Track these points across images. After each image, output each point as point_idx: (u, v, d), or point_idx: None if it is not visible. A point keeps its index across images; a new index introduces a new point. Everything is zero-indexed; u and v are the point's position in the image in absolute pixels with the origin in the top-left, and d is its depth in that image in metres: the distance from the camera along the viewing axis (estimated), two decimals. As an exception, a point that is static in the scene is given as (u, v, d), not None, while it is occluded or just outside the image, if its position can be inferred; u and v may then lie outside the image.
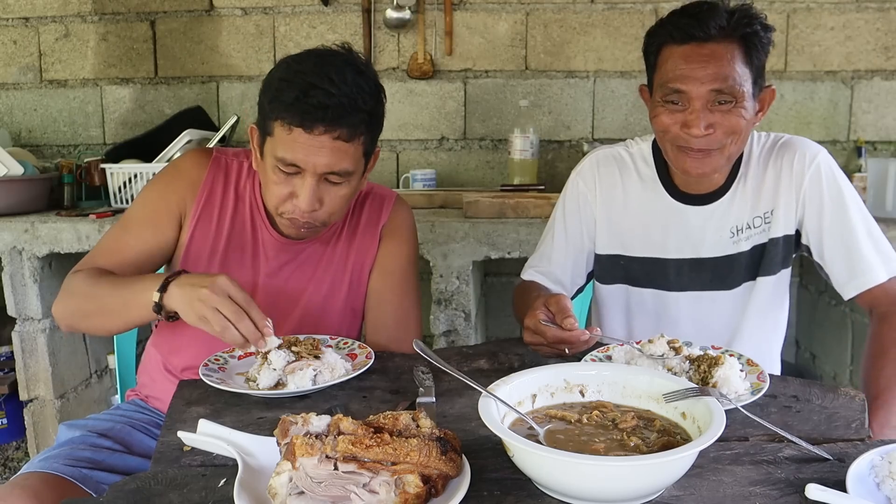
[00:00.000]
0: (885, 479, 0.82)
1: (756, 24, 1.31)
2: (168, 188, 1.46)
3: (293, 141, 1.27)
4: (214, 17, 2.96)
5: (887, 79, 2.83)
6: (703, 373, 1.12)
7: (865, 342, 1.37)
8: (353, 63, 1.31)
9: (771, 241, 1.45)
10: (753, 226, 1.46)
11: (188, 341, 1.44)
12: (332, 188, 1.33)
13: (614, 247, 1.55)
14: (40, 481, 1.21)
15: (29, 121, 3.06)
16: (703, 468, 0.88)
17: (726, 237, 1.47)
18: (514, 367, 1.23)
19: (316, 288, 1.48)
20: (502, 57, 2.91)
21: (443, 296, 2.28)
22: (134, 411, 1.49)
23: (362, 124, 1.30)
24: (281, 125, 1.28)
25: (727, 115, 1.31)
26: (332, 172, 1.30)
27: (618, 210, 1.53)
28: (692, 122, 1.31)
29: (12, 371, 2.59)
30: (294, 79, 1.27)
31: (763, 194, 1.45)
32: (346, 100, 1.26)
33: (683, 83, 1.31)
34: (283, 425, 0.84)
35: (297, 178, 1.31)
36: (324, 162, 1.28)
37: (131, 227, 1.44)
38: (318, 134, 1.26)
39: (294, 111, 1.26)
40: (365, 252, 1.51)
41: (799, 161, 1.42)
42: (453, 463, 0.80)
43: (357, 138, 1.30)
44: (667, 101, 1.34)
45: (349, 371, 1.20)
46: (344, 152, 1.29)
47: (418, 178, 2.80)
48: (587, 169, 1.57)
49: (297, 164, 1.29)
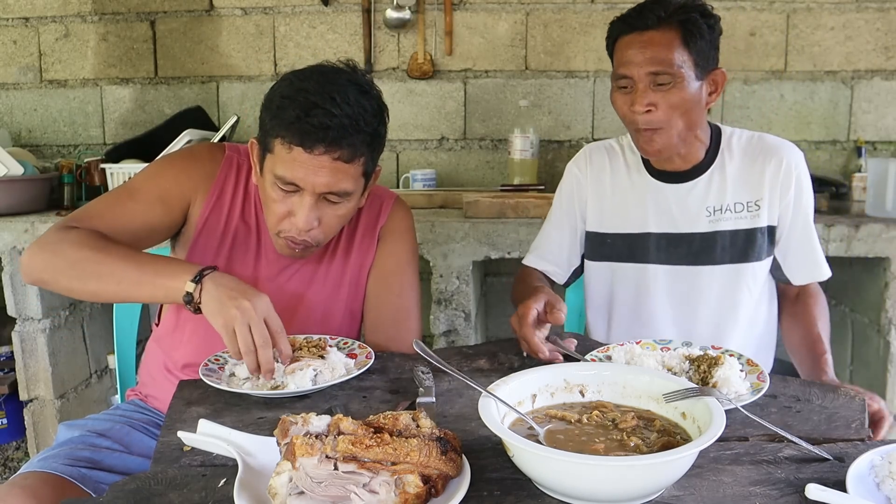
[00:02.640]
0: (885, 479, 0.82)
1: (694, 12, 1.45)
2: (183, 173, 1.44)
3: (293, 160, 1.26)
4: (214, 17, 2.96)
5: (887, 79, 2.83)
6: (703, 373, 1.12)
7: (788, 316, 1.63)
8: (357, 82, 1.30)
9: (759, 230, 1.57)
10: (734, 210, 1.57)
11: (189, 337, 1.45)
12: (331, 207, 1.33)
13: (602, 224, 1.67)
14: (40, 481, 1.21)
15: (29, 121, 3.06)
16: (703, 468, 0.88)
17: (703, 215, 1.58)
18: (514, 367, 1.24)
19: (317, 291, 1.48)
20: (502, 57, 2.91)
21: (443, 296, 2.28)
22: (133, 411, 1.49)
23: (363, 145, 1.29)
24: (281, 143, 1.27)
25: (667, 94, 1.45)
26: (331, 192, 1.30)
27: (605, 191, 1.67)
28: (635, 101, 1.47)
29: (12, 371, 2.59)
30: (296, 97, 1.26)
31: (748, 185, 1.58)
32: (347, 120, 1.25)
33: (627, 68, 1.47)
34: (283, 425, 0.84)
35: (295, 197, 1.30)
36: (323, 182, 1.28)
37: (141, 197, 1.40)
38: (319, 154, 1.25)
39: (295, 130, 1.25)
40: (364, 254, 1.51)
41: (787, 164, 1.57)
42: (453, 463, 0.80)
43: (358, 159, 1.30)
44: (620, 87, 1.51)
45: (349, 371, 1.20)
46: (344, 173, 1.29)
47: (418, 178, 2.80)
48: (581, 158, 1.72)
49: (297, 182, 1.28)
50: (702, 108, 1.52)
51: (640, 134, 1.51)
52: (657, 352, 1.21)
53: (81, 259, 1.25)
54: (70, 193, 2.62)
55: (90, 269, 1.25)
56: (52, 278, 1.29)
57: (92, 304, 2.61)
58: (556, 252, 1.71)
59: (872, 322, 2.35)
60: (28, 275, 1.31)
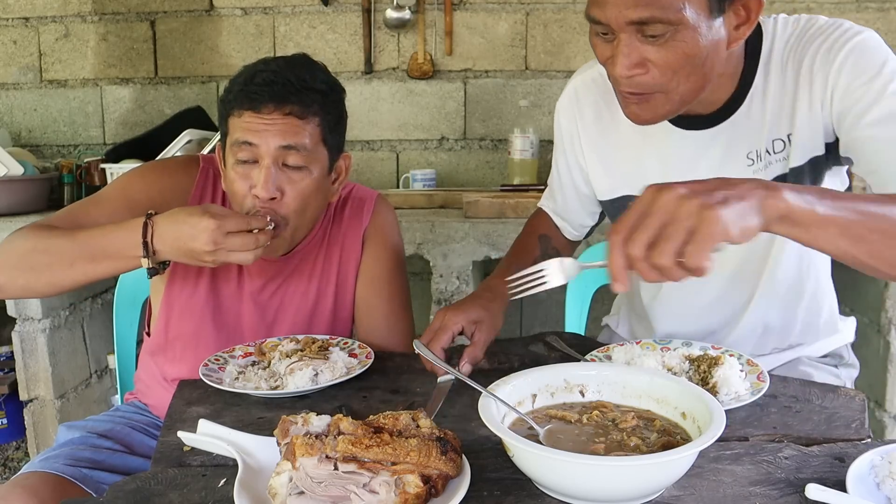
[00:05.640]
0: (885, 479, 0.82)
1: None
2: (154, 184, 1.39)
3: (246, 125, 1.26)
4: (214, 17, 2.96)
5: (887, 79, 2.83)
6: (702, 373, 1.12)
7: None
8: (306, 59, 1.33)
9: (792, 172, 1.18)
10: (774, 150, 1.17)
11: (181, 354, 1.42)
12: (292, 177, 1.28)
13: (618, 188, 1.33)
14: (40, 481, 1.21)
15: (29, 121, 3.06)
16: (703, 468, 0.88)
17: (742, 166, 1.19)
18: (514, 367, 1.23)
19: (302, 301, 1.45)
20: (502, 57, 2.91)
21: (443, 296, 2.28)
22: (133, 412, 1.49)
23: (315, 104, 1.27)
24: (233, 117, 1.28)
25: (663, 48, 1.01)
26: (288, 147, 1.25)
27: (609, 145, 1.32)
28: (615, 61, 1.04)
29: (12, 371, 2.59)
30: (241, 73, 1.30)
31: (783, 109, 1.16)
32: (293, 78, 1.26)
33: (601, 9, 1.02)
34: (283, 425, 0.84)
35: (255, 170, 1.27)
36: (276, 139, 1.25)
37: (105, 204, 1.35)
38: (269, 113, 1.25)
39: (242, 97, 1.26)
40: (348, 259, 1.47)
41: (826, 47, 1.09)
42: (453, 463, 0.80)
43: (311, 118, 1.27)
44: (597, 34, 1.07)
45: (350, 370, 1.20)
46: (298, 129, 1.26)
47: (418, 178, 2.80)
48: (567, 104, 1.37)
49: (251, 141, 1.25)
50: (721, 54, 1.06)
51: (625, 98, 1.10)
52: (657, 352, 1.21)
53: (28, 251, 1.23)
54: (70, 193, 2.63)
55: (39, 259, 1.22)
56: (8, 279, 1.25)
57: (92, 303, 2.61)
58: (564, 212, 1.47)
59: (872, 322, 2.35)
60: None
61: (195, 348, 1.40)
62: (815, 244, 0.89)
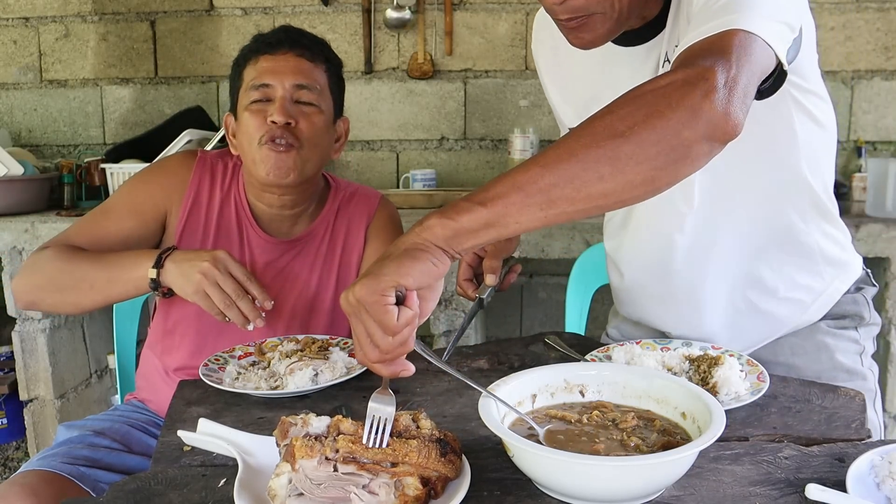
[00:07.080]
0: (885, 479, 0.82)
1: None
2: (156, 185, 1.45)
3: (262, 67, 1.38)
4: (214, 17, 2.96)
5: (887, 79, 2.83)
6: (702, 373, 1.12)
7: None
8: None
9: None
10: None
11: (180, 342, 1.44)
12: (304, 111, 1.38)
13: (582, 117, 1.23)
14: (39, 479, 1.21)
15: (29, 121, 3.06)
16: (703, 468, 0.88)
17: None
18: (514, 367, 1.23)
19: (304, 287, 1.47)
20: (502, 57, 2.90)
21: (443, 296, 2.28)
22: (132, 412, 1.49)
23: (321, 55, 1.42)
24: (249, 66, 1.40)
25: None
26: (300, 87, 1.37)
27: (566, 77, 1.32)
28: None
29: (12, 371, 2.59)
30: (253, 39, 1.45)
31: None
32: (303, 32, 1.43)
33: None
34: (283, 426, 0.84)
35: (269, 106, 1.36)
36: (290, 76, 1.37)
37: (112, 213, 1.42)
38: (283, 53, 1.38)
39: (258, 46, 1.41)
40: (351, 251, 1.50)
41: None
42: (452, 465, 0.80)
43: (319, 64, 1.41)
44: None
45: (350, 370, 1.20)
46: (309, 70, 1.39)
47: (418, 178, 2.80)
48: (533, 40, 1.43)
49: (267, 81, 1.37)
50: None
51: (563, 27, 1.08)
52: (657, 352, 1.21)
53: (55, 272, 1.31)
54: (70, 193, 2.63)
55: (65, 281, 1.31)
56: (38, 298, 1.36)
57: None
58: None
59: (872, 322, 2.34)
60: (20, 300, 1.37)
61: (196, 332, 1.41)
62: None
